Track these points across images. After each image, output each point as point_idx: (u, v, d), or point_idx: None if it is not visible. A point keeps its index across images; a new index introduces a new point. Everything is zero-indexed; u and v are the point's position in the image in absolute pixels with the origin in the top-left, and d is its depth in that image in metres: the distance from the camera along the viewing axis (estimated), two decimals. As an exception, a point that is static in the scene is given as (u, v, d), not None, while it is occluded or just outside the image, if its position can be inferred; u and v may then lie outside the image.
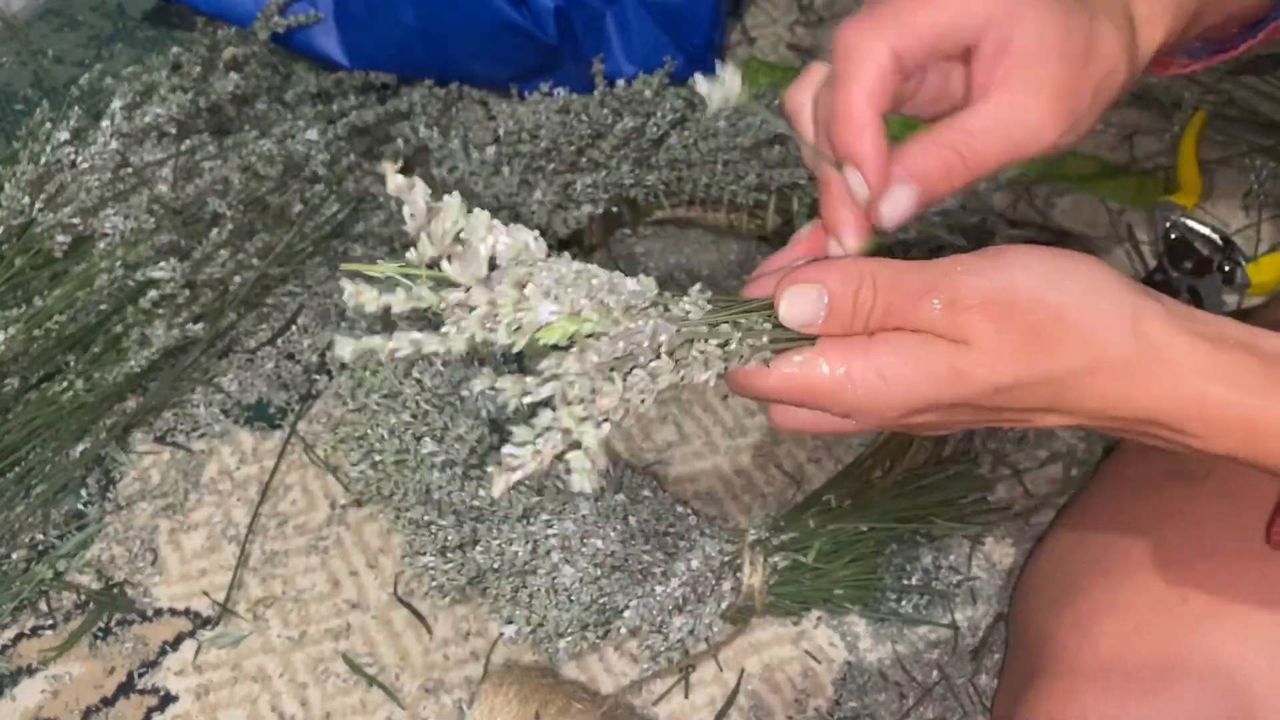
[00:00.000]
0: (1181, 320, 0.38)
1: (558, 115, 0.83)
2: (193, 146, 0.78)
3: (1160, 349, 0.38)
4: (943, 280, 0.38)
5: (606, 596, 0.64)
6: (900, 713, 0.66)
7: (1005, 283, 0.38)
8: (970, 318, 0.38)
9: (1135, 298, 0.38)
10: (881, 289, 0.39)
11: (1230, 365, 0.38)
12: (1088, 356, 0.38)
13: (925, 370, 0.38)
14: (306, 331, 0.81)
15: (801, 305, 0.39)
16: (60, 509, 0.73)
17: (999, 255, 0.39)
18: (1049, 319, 0.38)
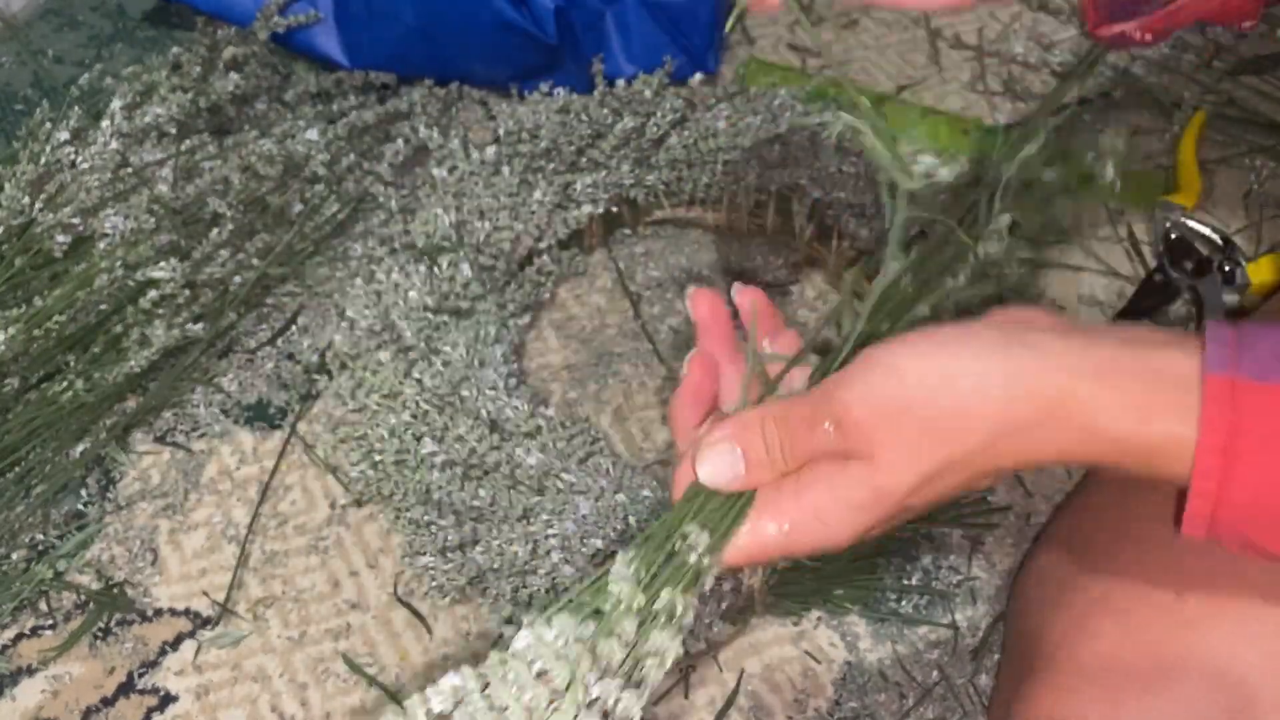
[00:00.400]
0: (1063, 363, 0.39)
1: (558, 115, 0.83)
2: (193, 146, 0.78)
3: (1050, 403, 0.39)
4: (824, 404, 0.40)
5: (606, 597, 0.64)
6: (900, 713, 0.66)
7: (877, 390, 0.40)
8: (859, 434, 0.40)
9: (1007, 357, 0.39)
10: (779, 423, 0.41)
11: (1116, 397, 0.38)
12: (982, 436, 0.39)
13: (851, 501, 0.40)
14: (306, 331, 0.82)
15: (720, 465, 0.42)
16: (60, 509, 0.73)
17: (867, 362, 0.40)
18: (931, 413, 0.39)
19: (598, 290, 0.85)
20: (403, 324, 0.74)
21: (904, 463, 0.40)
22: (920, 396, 0.39)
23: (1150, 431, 0.38)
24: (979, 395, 0.39)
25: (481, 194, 0.79)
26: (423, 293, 0.76)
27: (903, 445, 0.39)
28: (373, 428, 0.71)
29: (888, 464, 0.40)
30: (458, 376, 0.72)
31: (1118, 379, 0.38)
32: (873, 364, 0.40)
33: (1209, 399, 0.37)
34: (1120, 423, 0.38)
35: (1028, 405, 0.39)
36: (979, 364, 0.39)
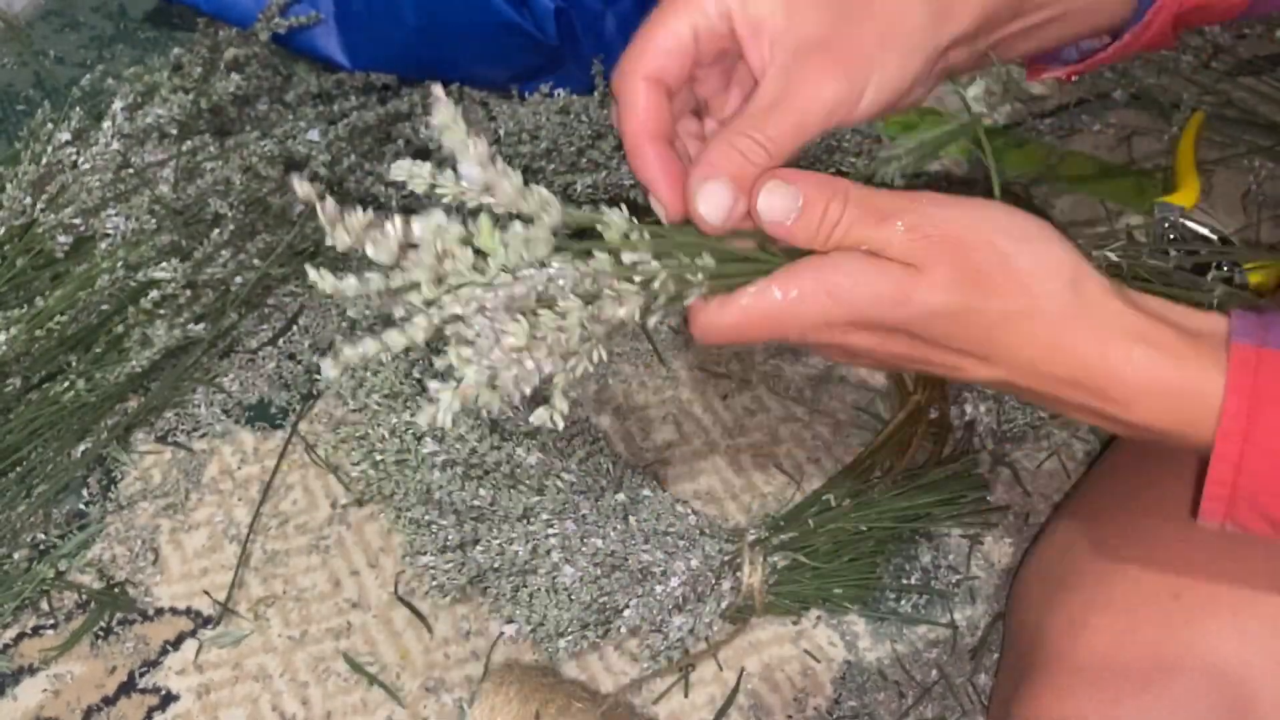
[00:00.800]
0: (1119, 289, 0.41)
1: (558, 116, 0.83)
2: (194, 147, 0.79)
3: (1093, 306, 0.40)
4: (911, 207, 0.40)
5: (606, 596, 0.65)
6: (899, 712, 0.66)
7: (965, 221, 0.40)
8: (926, 245, 0.40)
9: (1079, 262, 0.40)
10: (852, 203, 0.40)
11: (1155, 333, 0.40)
12: (1025, 302, 0.40)
13: (872, 289, 0.40)
14: (308, 331, 0.82)
15: (778, 200, 0.41)
16: (62, 509, 0.73)
17: (965, 200, 0.41)
18: (996, 261, 0.40)
19: (598, 290, 0.86)
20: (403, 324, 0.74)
21: (944, 285, 0.40)
22: (995, 247, 0.40)
23: (1185, 373, 0.39)
24: (1043, 273, 0.40)
25: (482, 194, 0.79)
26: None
27: (953, 272, 0.40)
28: (373, 427, 0.71)
29: (929, 280, 0.40)
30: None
31: (1166, 320, 0.40)
32: (973, 202, 0.41)
33: (1235, 364, 0.38)
34: (1157, 357, 0.39)
35: (1078, 303, 0.40)
36: (1054, 250, 0.40)
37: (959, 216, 0.40)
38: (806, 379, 0.80)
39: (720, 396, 0.79)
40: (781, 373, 0.80)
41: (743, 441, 0.77)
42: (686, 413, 0.79)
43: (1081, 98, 0.97)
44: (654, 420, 0.78)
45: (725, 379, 0.80)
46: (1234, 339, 0.39)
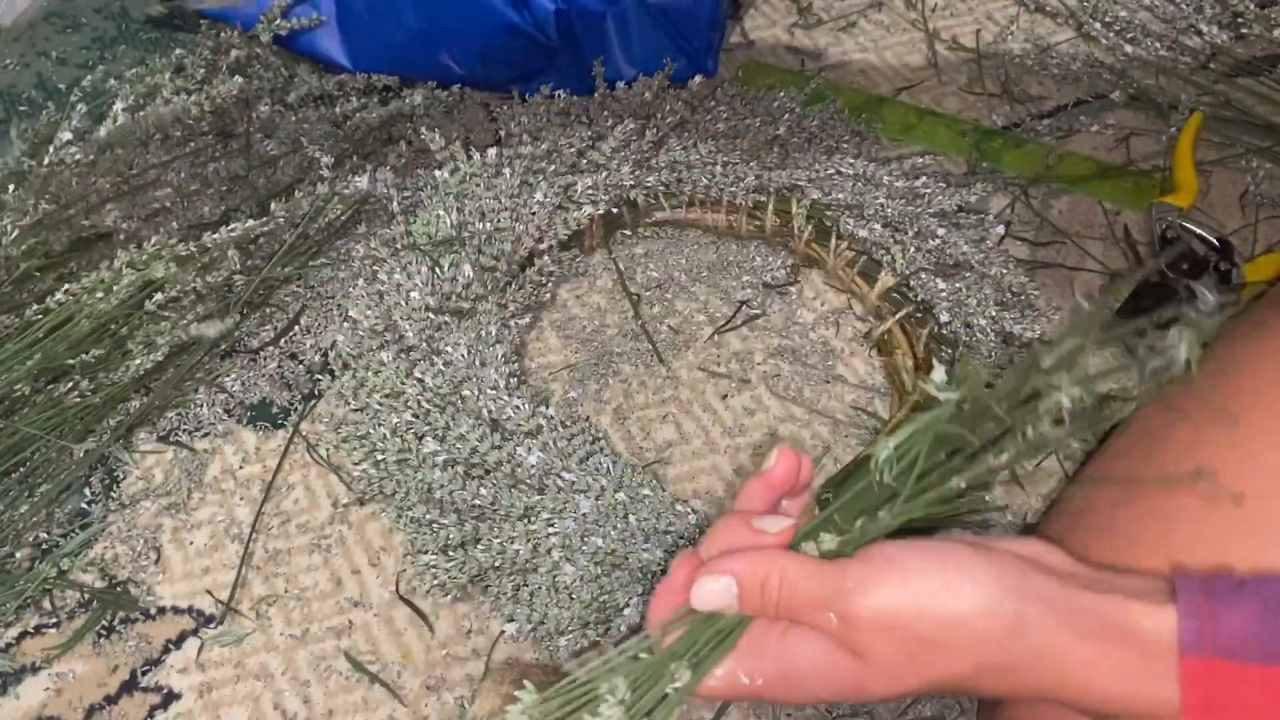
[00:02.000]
0: (1064, 621, 0.41)
1: (558, 117, 0.83)
2: (197, 149, 0.79)
3: (1042, 652, 0.41)
4: (836, 597, 0.42)
5: (607, 594, 0.65)
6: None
7: (889, 601, 0.41)
8: (861, 633, 0.42)
9: (1019, 606, 0.41)
10: (785, 588, 0.43)
11: (1110, 662, 0.41)
12: (972, 664, 0.41)
13: (829, 684, 0.43)
14: (309, 332, 0.82)
15: (712, 596, 0.44)
16: (64, 508, 0.73)
17: (888, 569, 0.42)
18: (934, 631, 0.41)
19: (598, 290, 0.86)
20: (405, 324, 0.74)
21: (890, 674, 0.42)
22: (925, 620, 0.41)
23: (1139, 695, 0.41)
24: (978, 632, 0.41)
25: (483, 195, 0.79)
26: (424, 293, 0.76)
27: (895, 659, 0.42)
28: (375, 427, 0.71)
29: (875, 670, 0.42)
30: (459, 376, 0.72)
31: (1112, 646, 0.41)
32: (891, 572, 0.42)
33: (1186, 681, 0.40)
34: (1115, 685, 0.41)
35: (1024, 651, 0.41)
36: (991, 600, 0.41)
37: (886, 600, 0.41)
38: (806, 379, 0.80)
39: (720, 396, 0.80)
40: (781, 372, 0.81)
41: (742, 441, 0.77)
42: (686, 413, 0.79)
43: (1080, 99, 0.97)
44: (654, 420, 0.78)
45: (725, 379, 0.80)
46: (1183, 651, 0.40)
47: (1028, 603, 0.41)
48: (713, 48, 0.97)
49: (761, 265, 0.86)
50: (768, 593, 0.43)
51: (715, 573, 0.44)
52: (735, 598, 0.44)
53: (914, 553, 0.42)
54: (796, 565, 0.43)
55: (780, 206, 0.84)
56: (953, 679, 0.42)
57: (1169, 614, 0.41)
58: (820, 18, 1.07)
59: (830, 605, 0.42)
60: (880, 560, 0.43)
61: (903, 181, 0.84)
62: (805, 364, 0.81)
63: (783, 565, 0.43)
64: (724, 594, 0.44)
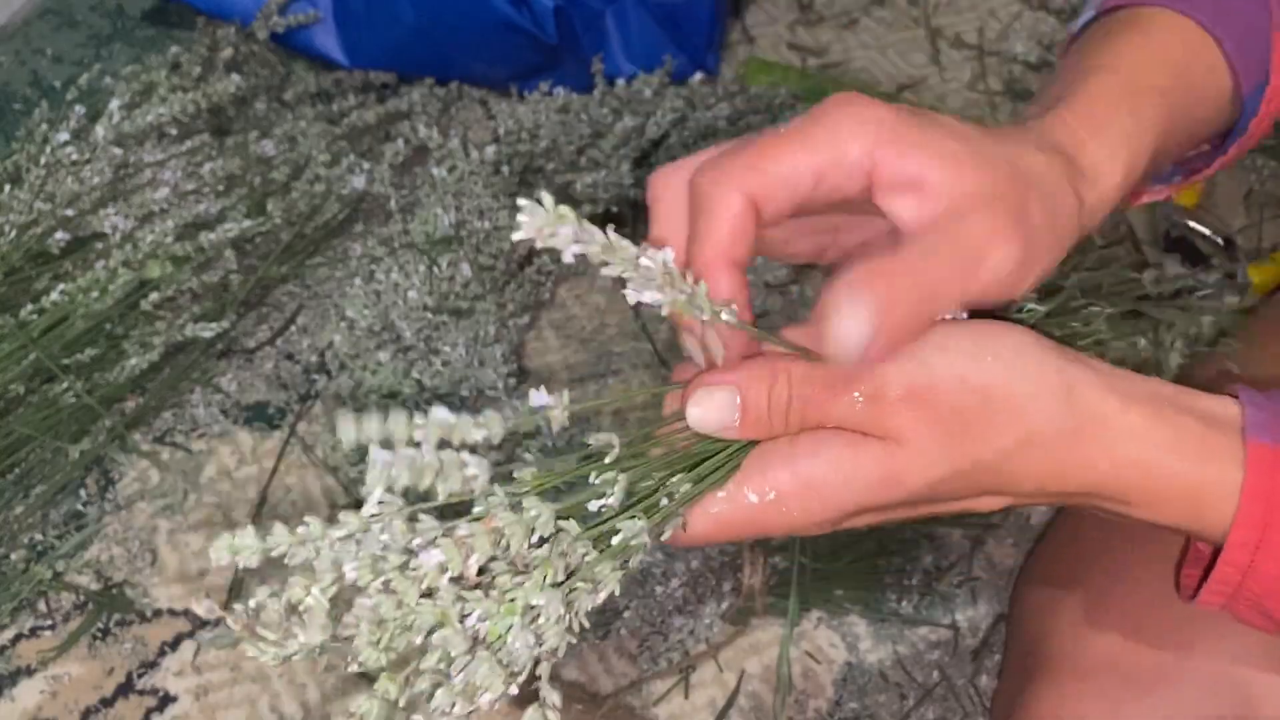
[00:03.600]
0: (1115, 385, 0.37)
1: (557, 114, 0.83)
2: (193, 147, 0.78)
3: (1095, 418, 0.36)
4: (862, 371, 0.36)
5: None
6: (901, 713, 0.66)
7: (925, 369, 0.36)
8: (895, 411, 0.36)
9: (1064, 366, 0.37)
10: (797, 383, 0.36)
11: (1168, 431, 0.37)
12: (1020, 434, 0.36)
13: (857, 478, 0.36)
14: (306, 332, 0.81)
15: (712, 410, 0.37)
16: (59, 509, 0.73)
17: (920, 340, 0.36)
18: (975, 401, 0.36)
19: (598, 290, 0.85)
20: (402, 324, 0.74)
21: (934, 453, 0.36)
22: (966, 387, 0.36)
23: (1203, 472, 0.36)
24: (1029, 395, 0.36)
25: (481, 193, 0.79)
26: (422, 292, 0.76)
27: (933, 437, 0.36)
28: (372, 428, 0.71)
29: (911, 453, 0.36)
30: (457, 376, 0.72)
31: (1169, 415, 0.37)
32: (923, 341, 0.36)
33: (1252, 465, 0.36)
34: (1171, 458, 0.36)
35: (1072, 418, 0.36)
36: (1033, 362, 0.36)
37: (916, 368, 0.36)
38: (807, 379, 0.80)
39: (720, 396, 0.79)
40: (782, 372, 0.80)
41: (743, 442, 0.77)
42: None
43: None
44: (654, 420, 0.78)
45: (725, 379, 0.80)
46: (1249, 435, 0.36)
47: (1076, 367, 0.37)
48: (713, 45, 0.96)
49: (762, 265, 0.86)
50: (776, 398, 0.36)
51: (712, 384, 0.37)
52: (738, 411, 0.36)
53: (944, 325, 0.37)
54: (799, 361, 0.36)
55: (781, 205, 0.84)
56: (995, 456, 0.36)
57: (1230, 402, 0.37)
58: (822, 15, 1.06)
59: (856, 383, 0.36)
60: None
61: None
62: (806, 364, 0.80)
63: (787, 364, 0.36)
64: (725, 408, 0.36)
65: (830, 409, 0.36)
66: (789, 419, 0.37)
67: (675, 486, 0.36)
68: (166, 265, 0.73)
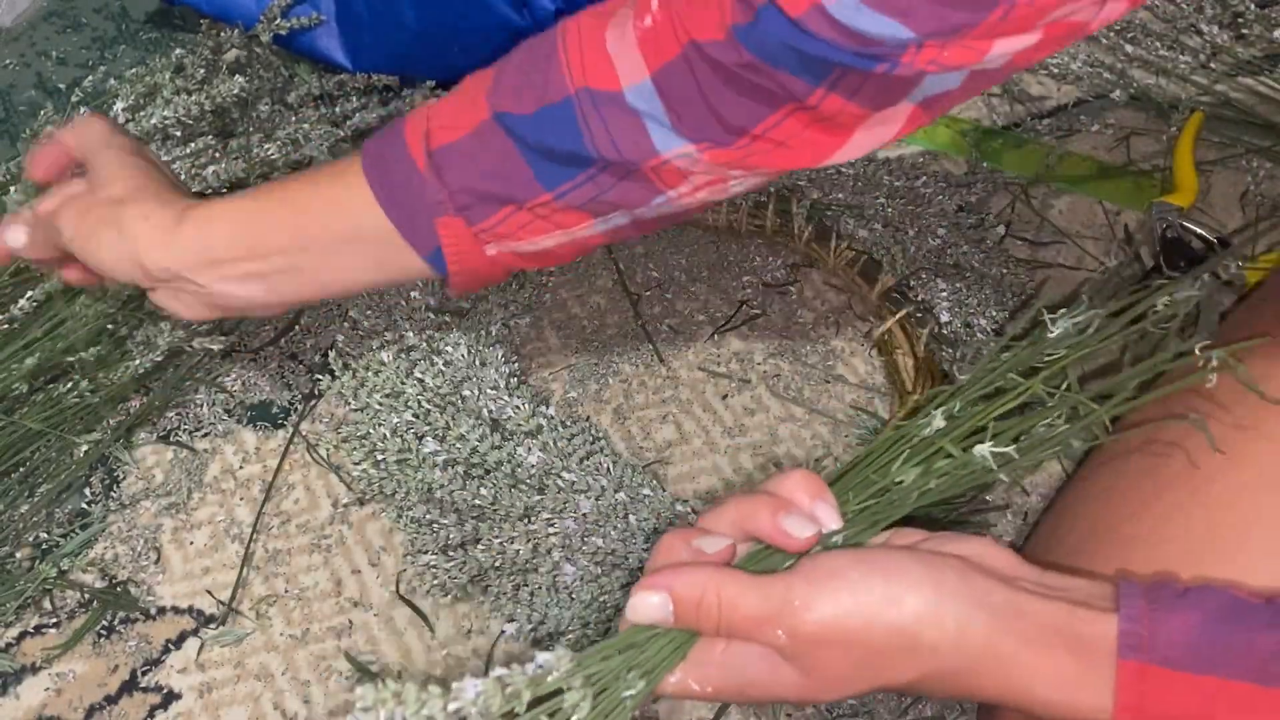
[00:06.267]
0: (1007, 625, 0.42)
1: (558, 117, 0.83)
2: (196, 149, 0.79)
3: (984, 658, 0.42)
4: (783, 613, 0.42)
5: (607, 594, 0.65)
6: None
7: (836, 615, 0.42)
8: (808, 648, 0.42)
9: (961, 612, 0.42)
10: (725, 607, 0.43)
11: (1049, 669, 0.42)
12: (917, 672, 0.42)
13: (777, 693, 0.44)
14: (309, 331, 0.82)
15: (646, 611, 0.44)
16: (64, 508, 0.73)
17: (833, 583, 0.42)
18: (877, 643, 0.42)
19: (598, 290, 0.86)
20: (405, 324, 0.74)
21: (838, 685, 0.43)
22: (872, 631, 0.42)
23: (1078, 702, 0.42)
24: (922, 641, 0.42)
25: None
26: (425, 293, 0.76)
27: (841, 670, 0.42)
28: (375, 427, 0.71)
29: (823, 682, 0.43)
30: (459, 376, 0.72)
31: (1054, 652, 0.42)
32: (836, 585, 0.42)
33: (1121, 685, 0.41)
34: (1055, 692, 0.42)
35: (967, 658, 0.42)
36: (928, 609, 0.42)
37: (832, 612, 0.42)
38: (806, 379, 0.80)
39: (720, 396, 0.80)
40: (781, 372, 0.81)
41: (743, 441, 0.77)
42: (686, 412, 0.79)
43: (1080, 98, 0.97)
44: (654, 420, 0.78)
45: (725, 379, 0.80)
46: (1121, 655, 0.41)
47: (971, 609, 0.42)
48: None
49: (761, 265, 0.86)
50: (705, 610, 0.43)
51: (650, 588, 0.44)
52: (670, 614, 0.43)
53: (856, 563, 0.43)
54: (735, 582, 0.43)
55: (780, 206, 0.84)
56: (899, 685, 0.43)
57: (1111, 622, 0.42)
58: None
59: (776, 622, 0.42)
60: (823, 573, 0.43)
61: (903, 181, 0.84)
62: (805, 364, 0.81)
63: (720, 582, 0.43)
64: (659, 609, 0.44)
65: (755, 635, 0.43)
66: (718, 630, 0.43)
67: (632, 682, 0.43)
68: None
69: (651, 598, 0.44)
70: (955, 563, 0.43)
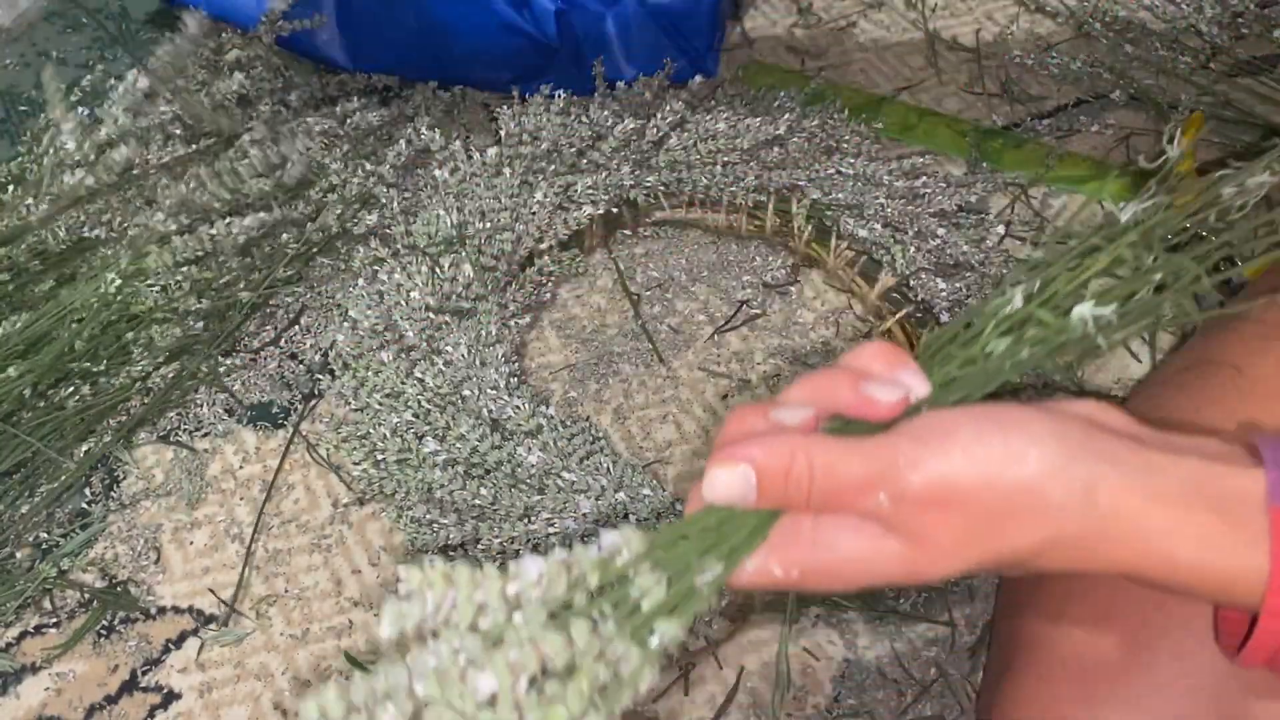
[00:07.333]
0: (1141, 482, 0.37)
1: (558, 117, 0.83)
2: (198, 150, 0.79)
3: (1118, 519, 0.37)
4: (887, 474, 0.37)
5: (607, 594, 0.65)
6: (899, 710, 0.66)
7: (948, 474, 0.37)
8: (917, 514, 0.37)
9: (1089, 468, 0.37)
10: (820, 473, 0.37)
11: (1191, 529, 0.37)
12: (1040, 537, 0.37)
13: (876, 568, 0.38)
14: (310, 331, 0.82)
15: (725, 487, 0.38)
16: (64, 508, 0.73)
17: (943, 441, 0.37)
18: (997, 504, 0.37)
19: (598, 290, 0.86)
20: (405, 324, 0.74)
21: (950, 555, 0.37)
22: (990, 491, 0.37)
23: (1227, 563, 0.37)
24: (1048, 501, 0.37)
25: (483, 195, 0.79)
26: (425, 293, 0.76)
27: (955, 537, 0.37)
28: (375, 427, 0.71)
29: (933, 552, 0.37)
30: (459, 376, 0.72)
31: (1193, 510, 0.37)
32: (948, 443, 0.37)
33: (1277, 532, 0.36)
34: (1201, 553, 0.37)
35: (1097, 519, 0.37)
36: (1054, 464, 0.37)
37: (943, 471, 0.36)
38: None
39: (720, 396, 0.80)
40: (781, 372, 0.81)
41: (742, 441, 0.77)
42: (686, 412, 0.79)
43: (1080, 99, 0.97)
44: (654, 420, 0.78)
45: (725, 379, 0.80)
46: (1272, 502, 0.36)
47: (1099, 465, 0.37)
48: (713, 47, 0.97)
49: (761, 265, 0.86)
50: (795, 481, 0.37)
51: (728, 460, 0.37)
52: (753, 488, 0.37)
53: (969, 419, 0.37)
54: (829, 447, 0.37)
55: (780, 206, 0.84)
56: (1017, 554, 0.37)
57: (1253, 475, 0.37)
58: (820, 17, 1.07)
59: (879, 484, 0.36)
60: (931, 430, 0.37)
61: (903, 181, 0.84)
62: (805, 364, 0.81)
63: (811, 449, 0.37)
64: (739, 484, 0.37)
65: (855, 505, 0.37)
66: (810, 501, 0.37)
67: (709, 566, 0.37)
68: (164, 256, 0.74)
69: (729, 472, 0.37)
70: (1077, 419, 0.38)
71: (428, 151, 0.87)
